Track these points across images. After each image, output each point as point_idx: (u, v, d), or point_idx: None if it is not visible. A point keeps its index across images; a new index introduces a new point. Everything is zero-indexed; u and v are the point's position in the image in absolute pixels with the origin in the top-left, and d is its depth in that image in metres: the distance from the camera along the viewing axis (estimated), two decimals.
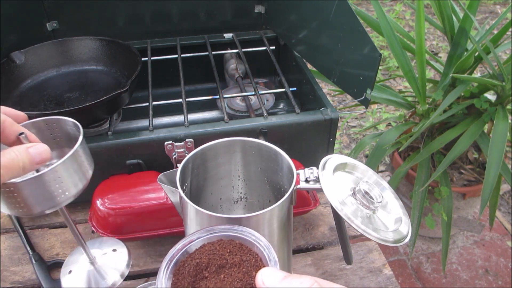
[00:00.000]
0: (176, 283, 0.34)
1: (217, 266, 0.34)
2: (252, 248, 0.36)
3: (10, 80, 0.84)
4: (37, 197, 0.42)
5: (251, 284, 0.32)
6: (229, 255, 0.35)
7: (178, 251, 0.36)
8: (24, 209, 0.42)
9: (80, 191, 0.45)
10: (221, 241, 0.37)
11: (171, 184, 0.52)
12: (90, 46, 0.91)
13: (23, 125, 0.45)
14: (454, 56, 1.26)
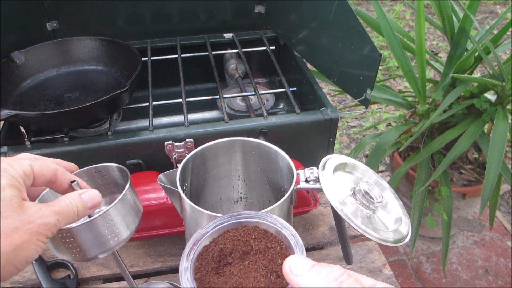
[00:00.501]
0: (200, 268, 0.33)
1: (241, 252, 0.34)
2: (277, 235, 0.35)
3: (10, 80, 0.84)
4: (92, 242, 0.44)
5: (277, 271, 0.31)
6: (253, 241, 0.34)
7: (202, 235, 0.35)
8: (79, 253, 0.44)
9: (131, 235, 0.47)
10: (246, 227, 0.35)
11: (171, 184, 0.52)
12: (90, 46, 0.91)
13: (74, 173, 0.48)
14: (454, 56, 1.26)
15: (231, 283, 0.31)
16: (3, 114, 0.68)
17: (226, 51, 1.05)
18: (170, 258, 0.75)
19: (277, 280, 0.31)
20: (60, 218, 0.39)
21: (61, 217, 0.39)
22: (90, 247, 0.44)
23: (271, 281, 0.31)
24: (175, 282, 0.70)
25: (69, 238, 0.43)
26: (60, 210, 0.39)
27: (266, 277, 0.31)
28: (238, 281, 0.31)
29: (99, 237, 0.44)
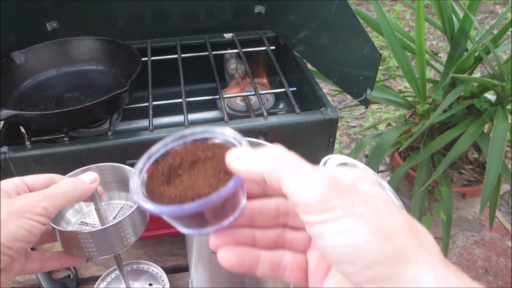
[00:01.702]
0: (151, 183, 0.33)
1: (190, 162, 0.33)
2: (225, 144, 0.34)
3: (10, 80, 0.84)
4: (105, 244, 0.48)
5: (225, 169, 0.31)
6: (202, 151, 0.34)
7: (148, 157, 0.34)
8: (92, 253, 0.47)
9: (137, 239, 0.51)
10: (194, 143, 0.35)
11: None
12: (90, 46, 0.91)
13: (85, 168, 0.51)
14: (454, 56, 1.26)
15: (181, 189, 0.31)
16: (3, 114, 0.68)
17: (226, 51, 1.05)
18: (170, 258, 0.75)
19: (225, 176, 0.31)
20: (48, 196, 0.40)
21: (48, 195, 0.40)
22: (103, 249, 0.48)
23: (219, 179, 0.31)
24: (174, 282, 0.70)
25: (87, 239, 0.46)
26: (48, 191, 0.40)
27: (215, 176, 0.31)
28: (188, 185, 0.31)
29: (113, 240, 0.48)
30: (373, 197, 0.26)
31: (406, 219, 0.26)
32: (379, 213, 0.25)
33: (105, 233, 0.46)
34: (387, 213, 0.25)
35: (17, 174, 0.71)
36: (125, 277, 0.62)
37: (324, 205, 0.25)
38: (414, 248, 0.25)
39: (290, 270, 0.32)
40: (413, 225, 0.26)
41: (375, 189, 0.27)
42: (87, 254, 0.47)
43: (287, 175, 0.27)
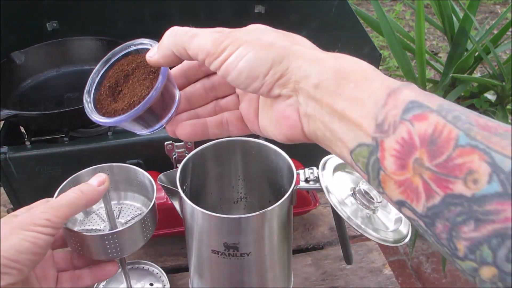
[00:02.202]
0: (101, 107, 0.40)
1: (123, 77, 0.39)
2: (143, 51, 0.40)
3: (10, 80, 0.84)
4: (130, 242, 0.49)
5: (151, 70, 0.38)
6: (128, 65, 0.40)
7: (90, 86, 0.42)
8: (117, 253, 0.48)
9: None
10: (118, 63, 0.41)
11: (171, 184, 0.52)
12: (90, 46, 0.91)
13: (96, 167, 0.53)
14: (454, 56, 1.26)
15: (127, 99, 0.37)
16: (3, 114, 0.68)
17: None
18: (170, 258, 0.75)
19: (154, 75, 0.37)
20: (51, 207, 0.41)
21: (52, 206, 0.41)
22: (129, 245, 0.49)
23: (150, 78, 0.37)
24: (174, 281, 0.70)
25: (113, 240, 0.47)
26: (53, 202, 0.41)
27: (146, 79, 0.37)
28: (131, 95, 0.37)
29: (139, 234, 0.50)
30: (252, 28, 0.34)
31: (282, 33, 0.34)
32: (258, 35, 0.32)
33: (131, 229, 0.48)
34: (264, 33, 0.33)
35: (17, 174, 0.71)
36: (128, 276, 0.62)
37: (219, 48, 0.32)
38: (290, 46, 0.32)
39: (231, 123, 0.39)
40: (287, 34, 0.34)
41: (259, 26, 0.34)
42: (112, 255, 0.48)
43: (188, 42, 0.33)
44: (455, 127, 0.25)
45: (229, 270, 0.54)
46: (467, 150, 0.24)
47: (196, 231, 0.52)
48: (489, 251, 0.23)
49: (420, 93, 0.27)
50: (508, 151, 0.23)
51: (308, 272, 0.73)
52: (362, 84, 0.29)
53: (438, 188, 0.25)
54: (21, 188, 0.73)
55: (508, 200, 0.22)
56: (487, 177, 0.23)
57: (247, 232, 0.49)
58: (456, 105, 0.27)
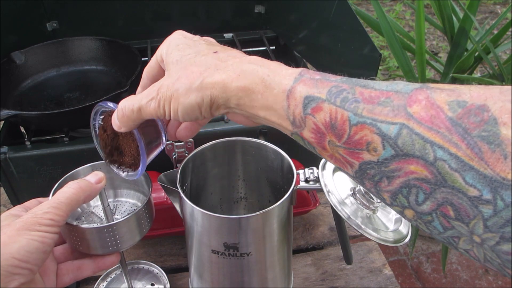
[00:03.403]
0: (114, 160, 0.47)
1: (114, 138, 0.46)
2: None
3: (10, 80, 0.84)
4: (129, 233, 0.49)
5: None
6: (109, 127, 0.45)
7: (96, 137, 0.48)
8: (116, 246, 0.48)
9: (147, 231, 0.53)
10: (100, 127, 0.46)
11: (171, 184, 0.52)
12: (90, 46, 0.91)
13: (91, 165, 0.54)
14: (454, 56, 1.26)
15: (131, 153, 0.45)
16: (3, 114, 0.68)
17: None
18: (170, 258, 0.75)
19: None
20: (53, 206, 0.41)
21: (53, 205, 0.41)
22: (127, 239, 0.49)
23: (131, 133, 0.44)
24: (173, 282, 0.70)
25: (111, 232, 0.47)
26: (53, 201, 0.42)
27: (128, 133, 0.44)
28: (129, 149, 0.45)
29: (136, 227, 0.49)
30: (172, 60, 0.39)
31: (197, 48, 0.39)
32: (179, 74, 0.37)
33: (129, 222, 0.48)
34: (183, 65, 0.37)
35: (17, 174, 0.71)
36: (128, 276, 0.62)
37: (159, 110, 0.38)
38: (203, 80, 0.36)
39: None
40: (199, 46, 0.40)
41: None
42: (110, 248, 0.48)
43: (139, 116, 0.40)
44: (344, 110, 0.30)
45: (229, 270, 0.54)
46: (359, 127, 0.29)
47: (196, 231, 0.52)
48: (403, 198, 0.29)
49: (311, 83, 0.33)
50: (390, 117, 0.28)
51: (308, 272, 0.73)
52: (265, 93, 0.34)
53: (352, 159, 0.31)
54: (21, 188, 0.73)
55: (402, 159, 0.28)
56: (380, 145, 0.29)
57: (247, 232, 0.49)
58: (345, 81, 0.32)
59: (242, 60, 0.37)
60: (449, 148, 0.26)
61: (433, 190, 0.27)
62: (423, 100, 0.28)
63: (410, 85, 0.29)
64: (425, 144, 0.27)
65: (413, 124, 0.27)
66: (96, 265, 0.48)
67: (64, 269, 0.46)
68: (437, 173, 0.26)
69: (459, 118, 0.26)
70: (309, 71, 0.34)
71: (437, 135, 0.26)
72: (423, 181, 0.27)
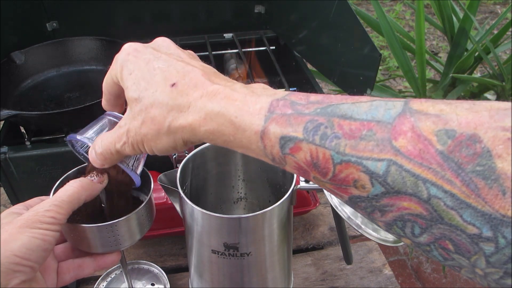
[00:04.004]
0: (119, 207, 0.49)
1: (107, 194, 0.48)
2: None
3: (10, 80, 0.84)
4: (130, 232, 0.49)
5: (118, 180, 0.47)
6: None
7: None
8: (116, 245, 0.48)
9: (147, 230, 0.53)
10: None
11: (171, 184, 0.52)
12: (90, 46, 0.91)
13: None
14: (454, 56, 1.26)
15: (127, 203, 0.49)
16: (3, 114, 0.68)
17: (226, 51, 1.05)
18: (170, 258, 0.75)
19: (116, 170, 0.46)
20: (54, 204, 0.41)
21: (55, 203, 0.41)
22: (127, 237, 0.48)
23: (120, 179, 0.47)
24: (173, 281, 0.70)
25: (111, 231, 0.46)
26: (54, 198, 0.42)
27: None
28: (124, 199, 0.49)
29: (137, 226, 0.49)
30: (145, 98, 0.36)
31: (171, 71, 0.35)
32: (148, 110, 0.35)
33: (129, 221, 0.48)
34: (153, 103, 0.35)
35: (17, 174, 0.71)
36: (128, 275, 0.62)
37: (136, 150, 0.38)
38: (171, 122, 0.34)
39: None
40: (178, 68, 0.36)
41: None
42: (111, 247, 0.48)
43: (119, 158, 0.41)
44: (325, 148, 0.28)
45: (229, 270, 0.54)
46: (344, 165, 0.28)
47: (196, 231, 0.52)
48: (398, 229, 0.28)
49: (283, 121, 0.30)
50: (376, 153, 0.26)
51: (308, 272, 0.73)
52: (237, 135, 0.32)
53: (341, 192, 0.29)
54: (21, 188, 0.73)
55: (394, 196, 0.26)
56: (369, 182, 0.27)
57: (247, 232, 0.49)
58: (320, 113, 0.29)
59: (204, 94, 0.33)
60: (443, 185, 0.25)
61: (429, 226, 0.26)
62: (408, 131, 0.26)
63: (392, 110, 0.27)
64: (417, 181, 0.25)
65: (401, 160, 0.26)
66: (97, 264, 0.48)
67: (64, 267, 0.46)
68: (433, 210, 0.25)
69: (450, 151, 0.25)
70: (279, 102, 0.31)
71: (429, 171, 0.25)
72: (417, 217, 0.26)
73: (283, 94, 0.32)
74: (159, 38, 0.42)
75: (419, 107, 0.27)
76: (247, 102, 0.32)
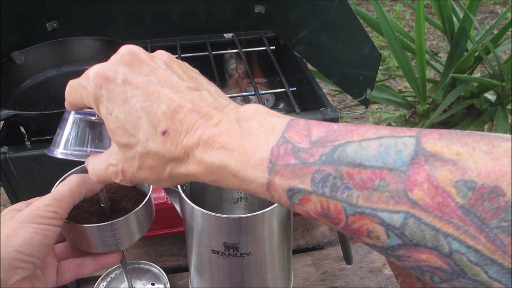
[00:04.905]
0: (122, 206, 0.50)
1: (112, 202, 0.49)
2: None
3: (10, 80, 0.84)
4: (129, 231, 0.49)
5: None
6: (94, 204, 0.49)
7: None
8: (115, 245, 0.48)
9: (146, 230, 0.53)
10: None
11: None
12: (90, 46, 0.91)
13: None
14: (454, 56, 1.26)
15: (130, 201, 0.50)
16: (3, 114, 0.68)
17: (226, 51, 1.05)
18: (170, 258, 0.75)
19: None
20: (55, 198, 0.41)
21: (56, 197, 0.41)
22: (127, 237, 0.48)
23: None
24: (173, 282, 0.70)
25: (111, 231, 0.46)
26: (55, 193, 0.42)
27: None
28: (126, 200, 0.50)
29: (136, 225, 0.49)
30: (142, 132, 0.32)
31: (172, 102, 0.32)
32: (146, 145, 0.32)
33: (129, 220, 0.48)
34: (150, 136, 0.32)
35: (17, 174, 0.71)
36: (128, 275, 0.62)
37: (127, 176, 0.35)
38: (167, 163, 0.32)
39: None
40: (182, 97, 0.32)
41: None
42: (111, 247, 0.48)
43: (111, 180, 0.37)
44: (337, 200, 0.27)
45: (229, 270, 0.54)
46: (357, 217, 0.27)
47: (196, 231, 0.52)
48: (419, 273, 0.27)
49: (288, 173, 0.28)
50: (391, 205, 0.25)
51: (308, 272, 0.73)
52: (242, 185, 0.31)
53: (356, 238, 0.28)
54: (21, 188, 0.73)
55: (412, 248, 0.25)
56: (384, 234, 0.26)
57: (247, 232, 0.49)
58: (326, 161, 0.27)
59: (200, 144, 0.30)
60: (465, 240, 0.23)
61: (450, 279, 0.25)
62: (424, 182, 0.24)
63: (404, 154, 0.25)
64: (438, 235, 0.24)
65: (419, 212, 0.24)
66: (97, 263, 0.48)
67: (65, 266, 0.46)
68: (455, 265, 0.24)
69: (471, 205, 0.23)
70: (279, 150, 0.29)
71: (450, 225, 0.24)
72: (437, 269, 0.25)
73: (281, 130, 0.30)
74: (127, 50, 0.34)
75: (432, 147, 0.25)
76: (246, 153, 0.29)
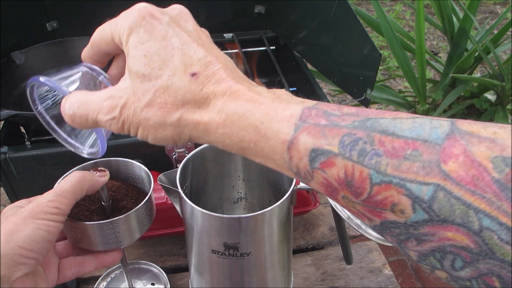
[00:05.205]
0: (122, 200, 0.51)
1: (113, 201, 0.50)
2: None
3: (10, 80, 0.84)
4: (130, 229, 0.49)
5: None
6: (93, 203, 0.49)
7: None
8: (115, 243, 0.48)
9: (146, 229, 0.53)
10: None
11: (171, 184, 0.52)
12: None
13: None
14: (454, 56, 1.26)
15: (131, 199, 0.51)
16: (3, 114, 0.68)
17: (226, 51, 1.05)
18: (170, 258, 0.75)
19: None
20: (58, 194, 0.41)
21: (58, 193, 0.41)
22: (128, 235, 0.49)
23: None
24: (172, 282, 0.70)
25: (111, 228, 0.47)
26: (57, 189, 0.42)
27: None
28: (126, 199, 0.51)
29: (137, 224, 0.49)
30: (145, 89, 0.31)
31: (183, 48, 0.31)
32: (149, 96, 0.30)
33: (130, 218, 0.48)
34: (157, 90, 0.30)
35: (17, 174, 0.71)
36: (129, 275, 0.62)
37: (124, 129, 0.32)
38: (180, 117, 0.30)
39: None
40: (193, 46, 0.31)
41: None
42: (111, 245, 0.48)
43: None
44: (363, 166, 0.25)
45: (229, 270, 0.54)
46: (383, 187, 0.25)
47: (196, 231, 0.52)
48: (435, 261, 0.25)
49: (317, 132, 0.27)
50: (421, 176, 0.24)
51: (308, 272, 0.73)
52: (260, 142, 0.28)
53: (373, 216, 0.26)
54: (21, 188, 0.73)
55: (438, 224, 0.24)
56: (410, 208, 0.24)
57: (247, 232, 0.49)
58: (358, 126, 0.26)
59: (227, 92, 0.29)
60: (498, 217, 0.22)
61: (475, 260, 0.24)
62: (460, 155, 0.23)
63: (439, 130, 0.24)
64: (468, 211, 0.23)
65: (451, 185, 0.23)
66: (98, 262, 0.48)
67: (66, 264, 0.46)
68: (483, 243, 0.23)
69: (508, 180, 0.22)
70: (311, 111, 0.28)
71: (483, 200, 0.22)
72: (462, 249, 0.24)
73: (313, 103, 0.29)
74: (177, 6, 0.33)
75: (468, 128, 0.24)
76: (275, 108, 0.28)
